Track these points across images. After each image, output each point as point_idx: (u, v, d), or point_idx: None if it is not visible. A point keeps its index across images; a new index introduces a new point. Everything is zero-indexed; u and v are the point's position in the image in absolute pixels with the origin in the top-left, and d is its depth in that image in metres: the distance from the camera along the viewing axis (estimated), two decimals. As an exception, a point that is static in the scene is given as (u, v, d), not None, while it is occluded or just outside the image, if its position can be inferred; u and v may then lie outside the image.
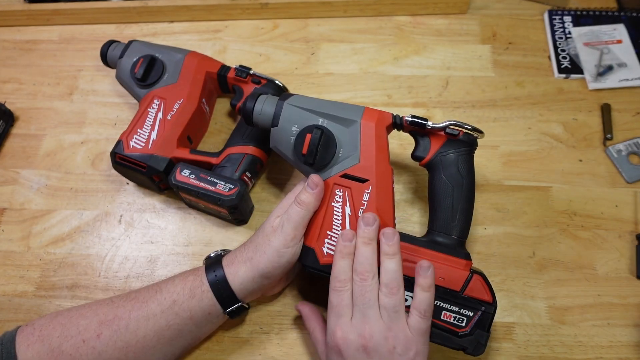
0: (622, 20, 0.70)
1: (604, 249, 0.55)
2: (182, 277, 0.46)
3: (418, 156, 0.49)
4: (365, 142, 0.46)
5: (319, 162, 0.46)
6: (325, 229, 0.46)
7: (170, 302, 0.44)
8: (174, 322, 0.44)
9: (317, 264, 0.46)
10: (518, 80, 0.66)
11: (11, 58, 0.73)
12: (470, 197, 0.47)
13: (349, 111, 0.48)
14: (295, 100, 0.48)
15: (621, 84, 0.64)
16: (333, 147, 0.46)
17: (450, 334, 0.44)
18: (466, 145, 0.47)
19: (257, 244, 0.46)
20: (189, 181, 0.52)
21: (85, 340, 0.43)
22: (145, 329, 0.44)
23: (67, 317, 0.45)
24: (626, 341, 0.50)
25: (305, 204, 0.45)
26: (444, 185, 0.47)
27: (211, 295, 0.45)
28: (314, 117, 0.47)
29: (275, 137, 0.49)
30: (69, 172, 0.63)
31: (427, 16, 0.72)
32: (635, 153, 0.60)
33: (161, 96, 0.56)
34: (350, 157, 0.46)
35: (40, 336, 0.43)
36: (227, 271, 0.45)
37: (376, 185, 0.45)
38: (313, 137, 0.45)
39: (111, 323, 0.44)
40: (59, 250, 0.58)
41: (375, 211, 0.45)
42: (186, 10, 0.72)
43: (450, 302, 0.44)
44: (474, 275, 0.44)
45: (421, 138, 0.49)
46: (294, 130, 0.47)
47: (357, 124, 0.47)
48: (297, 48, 0.71)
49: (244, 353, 0.51)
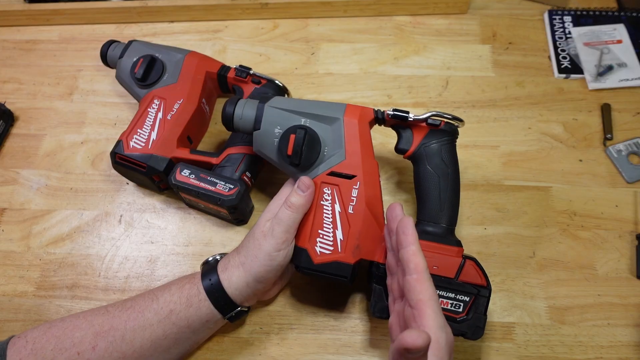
0: (622, 20, 0.70)
1: (604, 249, 0.55)
2: (179, 286, 0.46)
3: (402, 149, 0.50)
4: (349, 139, 0.46)
5: (305, 162, 0.46)
6: (316, 228, 0.46)
7: (167, 312, 0.44)
8: (171, 331, 0.44)
9: (311, 264, 0.46)
10: (518, 80, 0.66)
11: (11, 58, 0.73)
12: (456, 185, 0.48)
13: (330, 109, 0.48)
14: (275, 102, 0.48)
15: (621, 84, 0.64)
16: (318, 146, 0.46)
17: (449, 320, 0.44)
18: (448, 134, 0.48)
19: (249, 248, 0.45)
20: (189, 181, 0.52)
21: (80, 353, 0.42)
22: (141, 339, 0.43)
23: (61, 329, 0.43)
24: (626, 341, 0.50)
25: (296, 207, 0.44)
26: (430, 176, 0.48)
27: (208, 304, 0.44)
28: (296, 118, 0.47)
29: (258, 140, 0.48)
30: (69, 172, 0.63)
31: (427, 16, 0.72)
32: (635, 153, 0.60)
33: (161, 96, 0.56)
34: (336, 154, 0.47)
35: (33, 350, 0.42)
36: (222, 277, 0.45)
37: (364, 180, 0.46)
38: (297, 138, 0.45)
39: (107, 334, 0.43)
40: (59, 250, 0.58)
41: (365, 206, 0.45)
42: (186, 10, 0.72)
43: (445, 289, 0.44)
44: (467, 260, 0.45)
45: (403, 131, 0.50)
46: (277, 132, 0.47)
47: (340, 122, 0.47)
48: (297, 48, 0.71)
49: (244, 353, 0.51)
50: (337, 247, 0.45)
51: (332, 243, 0.46)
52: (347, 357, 0.51)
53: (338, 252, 0.45)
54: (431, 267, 0.44)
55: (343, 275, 0.45)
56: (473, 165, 0.61)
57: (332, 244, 0.46)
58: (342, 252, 0.45)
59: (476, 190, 0.59)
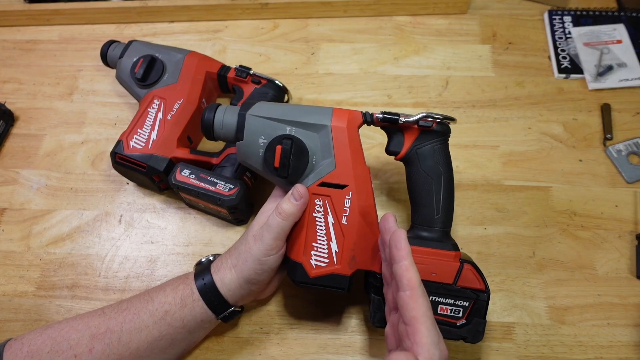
0: (622, 20, 0.70)
1: (604, 249, 0.55)
2: (173, 286, 0.46)
3: (392, 151, 0.48)
4: (338, 147, 0.44)
5: (293, 173, 0.44)
6: (310, 241, 0.45)
7: (162, 313, 0.44)
8: (167, 332, 0.44)
9: (307, 278, 0.45)
10: (518, 80, 0.66)
11: (11, 58, 0.73)
12: (450, 187, 0.47)
13: (317, 115, 0.45)
14: (257, 109, 0.46)
15: (621, 84, 0.64)
16: (306, 155, 0.44)
17: (449, 326, 0.44)
18: (440, 135, 0.47)
19: (240, 251, 0.45)
20: (189, 181, 0.52)
21: (77, 355, 0.42)
22: (138, 341, 0.43)
23: (57, 331, 0.43)
24: (626, 341, 0.50)
25: (287, 215, 0.43)
26: (423, 179, 0.46)
27: (202, 304, 0.44)
28: (280, 127, 0.45)
29: (242, 151, 0.46)
30: (69, 172, 0.63)
31: (427, 16, 0.72)
32: (635, 153, 0.60)
33: (161, 96, 0.56)
34: (325, 164, 0.45)
35: (29, 352, 0.42)
36: (215, 278, 0.45)
37: (356, 189, 0.44)
38: (284, 149, 0.43)
39: (103, 336, 0.43)
40: (59, 250, 0.58)
41: (358, 216, 0.44)
42: (186, 10, 0.72)
43: (445, 295, 0.44)
44: (465, 265, 0.44)
45: (394, 132, 0.48)
46: (262, 142, 0.45)
47: (327, 128, 0.45)
48: (297, 48, 0.71)
49: (244, 353, 0.51)
50: (333, 259, 0.44)
51: (327, 255, 0.44)
52: (347, 357, 0.51)
53: (334, 264, 0.44)
54: (429, 273, 0.44)
55: (340, 287, 0.45)
56: (473, 165, 0.61)
57: (327, 256, 0.44)
58: (338, 264, 0.44)
59: (476, 190, 0.59)
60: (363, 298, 0.53)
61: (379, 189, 0.60)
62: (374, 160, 0.61)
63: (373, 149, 0.62)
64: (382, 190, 0.60)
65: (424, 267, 0.44)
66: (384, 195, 0.59)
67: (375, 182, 0.60)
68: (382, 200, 0.59)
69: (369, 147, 0.62)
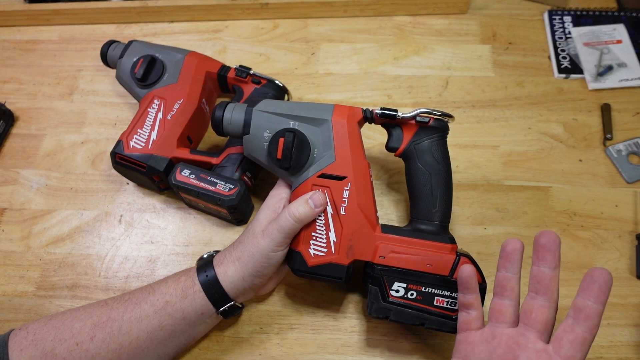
0: (622, 20, 0.70)
1: (604, 249, 0.55)
2: (175, 278, 0.47)
3: (392, 147, 0.50)
4: (338, 140, 0.46)
5: (295, 164, 0.46)
6: (310, 231, 0.46)
7: (163, 303, 0.45)
8: (167, 322, 0.45)
9: (305, 266, 0.46)
10: (518, 80, 0.66)
11: (11, 58, 0.73)
12: (448, 182, 0.48)
13: (318, 110, 0.48)
14: (263, 105, 0.48)
15: (621, 84, 0.64)
16: (307, 148, 0.46)
17: (445, 318, 0.44)
18: (438, 131, 0.48)
19: (246, 244, 0.46)
20: (189, 181, 0.52)
21: (79, 343, 0.43)
22: (138, 330, 0.44)
23: (60, 320, 0.44)
24: (626, 341, 0.50)
25: (301, 219, 0.44)
26: (421, 174, 0.48)
27: (203, 295, 0.45)
28: (284, 121, 0.47)
29: (248, 144, 0.49)
30: (69, 172, 0.63)
31: (427, 16, 0.72)
32: (635, 153, 0.60)
33: (161, 96, 0.56)
34: (326, 156, 0.47)
35: (33, 340, 0.43)
36: (218, 270, 0.46)
37: (355, 181, 0.46)
38: (286, 141, 0.45)
39: (104, 325, 0.44)
40: (59, 250, 0.58)
41: (356, 206, 0.46)
42: (186, 10, 0.72)
43: (441, 287, 0.44)
44: (461, 257, 0.45)
45: (393, 129, 0.50)
46: (266, 135, 0.47)
47: (328, 123, 0.47)
48: (297, 48, 0.71)
49: (244, 353, 0.51)
50: (331, 249, 0.46)
51: (326, 245, 0.46)
52: (347, 357, 0.51)
53: (332, 253, 0.46)
54: (425, 265, 0.44)
55: (338, 276, 0.46)
56: (473, 165, 0.61)
57: (326, 245, 0.46)
58: (336, 254, 0.46)
59: (476, 190, 0.59)
60: (362, 298, 0.53)
61: (380, 188, 0.60)
62: (375, 160, 0.61)
63: (374, 148, 0.62)
64: (382, 190, 0.60)
65: (420, 259, 0.45)
66: (384, 195, 0.59)
67: (376, 182, 0.60)
68: (383, 200, 0.59)
69: (370, 146, 0.62)
